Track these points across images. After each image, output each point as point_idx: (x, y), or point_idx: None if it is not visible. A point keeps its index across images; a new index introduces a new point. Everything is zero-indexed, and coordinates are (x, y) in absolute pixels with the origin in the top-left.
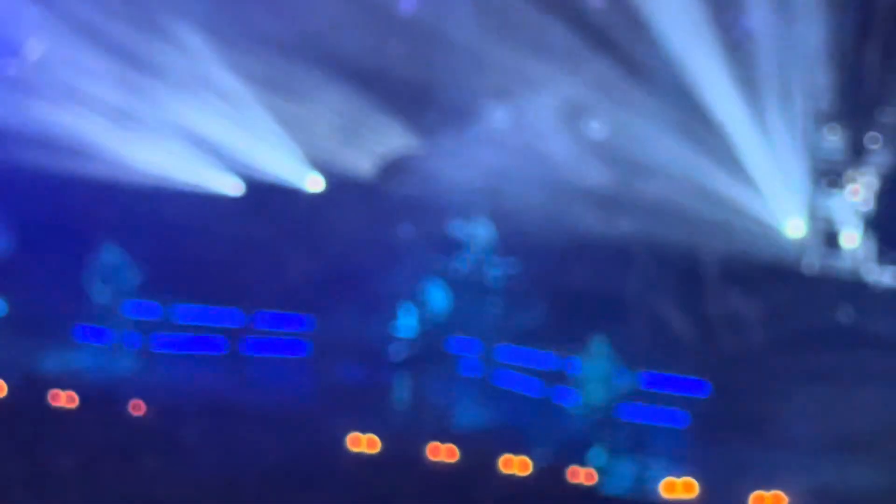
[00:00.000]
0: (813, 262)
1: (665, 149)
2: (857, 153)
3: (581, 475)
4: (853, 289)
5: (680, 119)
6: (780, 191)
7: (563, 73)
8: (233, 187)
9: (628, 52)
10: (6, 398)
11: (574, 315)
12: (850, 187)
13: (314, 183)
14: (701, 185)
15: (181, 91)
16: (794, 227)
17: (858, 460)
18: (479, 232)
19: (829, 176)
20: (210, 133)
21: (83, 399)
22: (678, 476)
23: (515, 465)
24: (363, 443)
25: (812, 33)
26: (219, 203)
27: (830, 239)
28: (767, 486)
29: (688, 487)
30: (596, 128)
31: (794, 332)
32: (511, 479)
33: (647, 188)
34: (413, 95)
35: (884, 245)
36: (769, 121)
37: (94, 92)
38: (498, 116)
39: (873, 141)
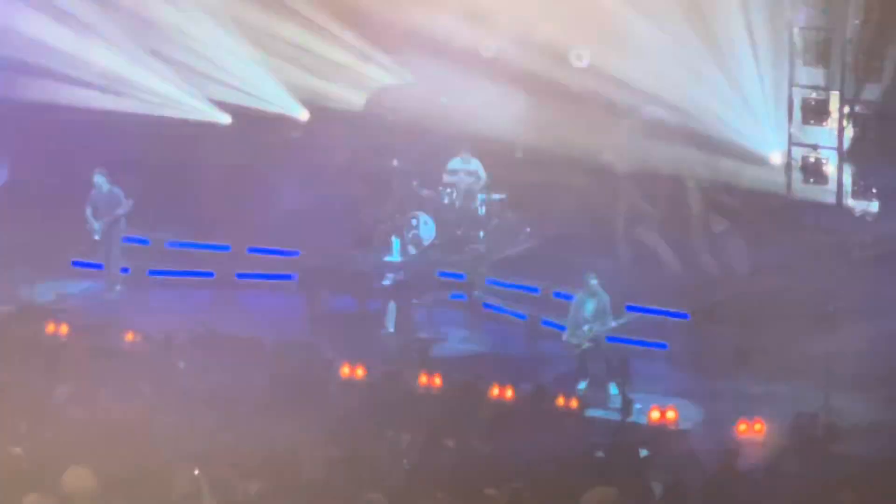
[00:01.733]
0: (796, 192)
1: (650, 80)
2: (840, 84)
3: (567, 401)
4: (834, 218)
5: (664, 50)
6: (765, 121)
7: (548, 7)
8: (220, 118)
9: None
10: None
11: (560, 247)
12: (833, 119)
13: (301, 114)
14: (685, 117)
15: (169, 22)
16: (777, 157)
17: (837, 389)
18: (468, 165)
19: (812, 107)
20: (196, 64)
21: (76, 328)
22: (662, 405)
23: (502, 391)
24: (352, 370)
25: None
26: (206, 134)
27: (813, 168)
28: (749, 415)
29: (670, 415)
30: (582, 58)
31: (776, 260)
32: (497, 405)
33: (633, 120)
34: (402, 28)
35: (865, 175)
36: (753, 52)
37: (87, 21)
38: (487, 49)
39: (857, 71)
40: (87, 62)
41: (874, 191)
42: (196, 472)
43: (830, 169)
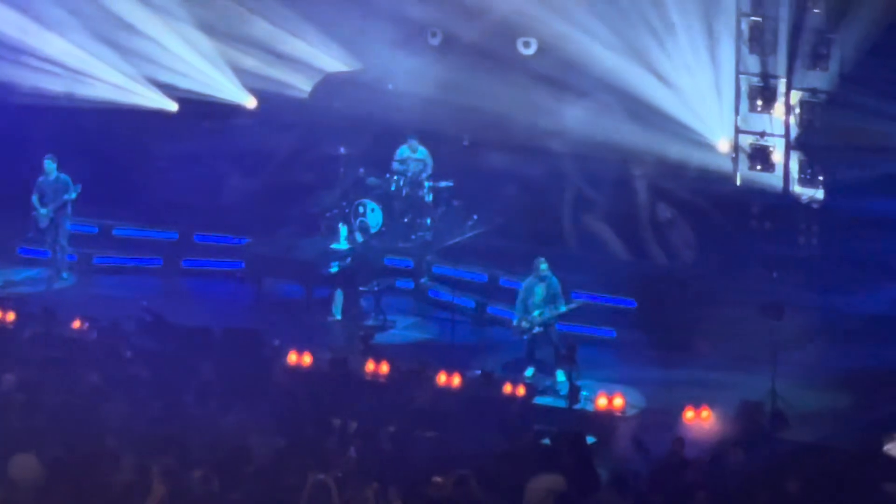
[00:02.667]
0: (743, 179)
1: (597, 68)
2: (787, 72)
3: (514, 388)
4: (780, 205)
5: (611, 36)
6: (712, 108)
7: None
8: (167, 105)
9: None
10: None
11: (507, 235)
12: (779, 106)
13: (248, 101)
14: (632, 103)
15: (118, 9)
16: (724, 144)
17: (784, 376)
18: (415, 152)
19: (759, 94)
20: (145, 51)
21: (23, 315)
22: (609, 391)
23: (449, 378)
24: (299, 357)
25: None
26: (153, 121)
27: (760, 156)
28: (696, 402)
29: (618, 402)
30: (529, 45)
31: (722, 248)
32: (444, 392)
33: (579, 108)
34: (350, 15)
35: (812, 162)
36: (702, 38)
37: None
38: (434, 38)
39: (804, 59)
40: (35, 48)
41: (820, 178)
42: (145, 460)
43: (777, 156)
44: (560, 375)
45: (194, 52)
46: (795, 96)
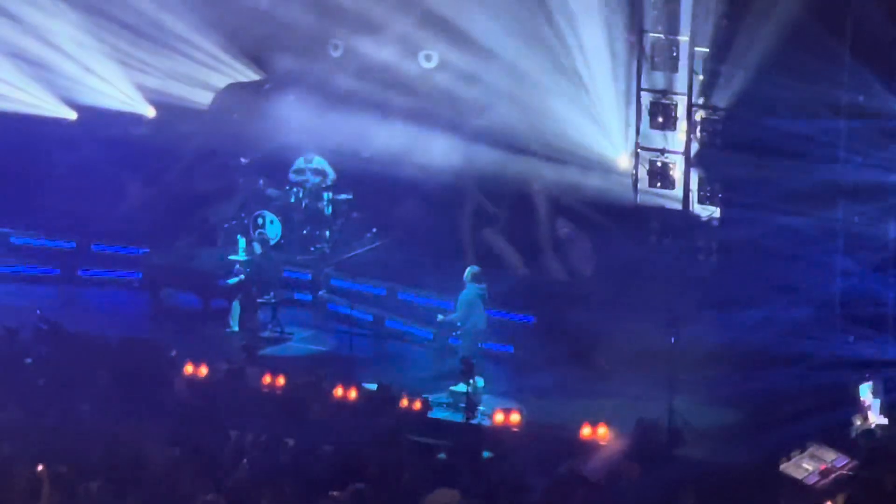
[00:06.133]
0: (642, 196)
1: (498, 83)
2: (688, 89)
3: (410, 402)
4: (680, 223)
5: (512, 52)
6: (612, 125)
7: (398, 8)
8: (66, 113)
9: None
10: None
11: (406, 248)
12: (680, 124)
13: (147, 111)
14: (533, 118)
15: (18, 15)
16: (624, 161)
17: (682, 392)
18: (314, 164)
19: (660, 111)
20: (43, 59)
21: None
22: (506, 406)
23: (346, 391)
24: (195, 368)
25: None
26: (51, 129)
27: (660, 173)
28: (593, 418)
29: (514, 417)
30: (430, 62)
31: (621, 264)
32: (341, 405)
33: (480, 122)
34: (252, 28)
35: (712, 180)
36: (603, 55)
37: None
38: (336, 51)
39: (704, 76)
40: None
41: (719, 196)
42: (40, 468)
43: (677, 174)
44: (460, 387)
45: (93, 60)
46: (696, 114)
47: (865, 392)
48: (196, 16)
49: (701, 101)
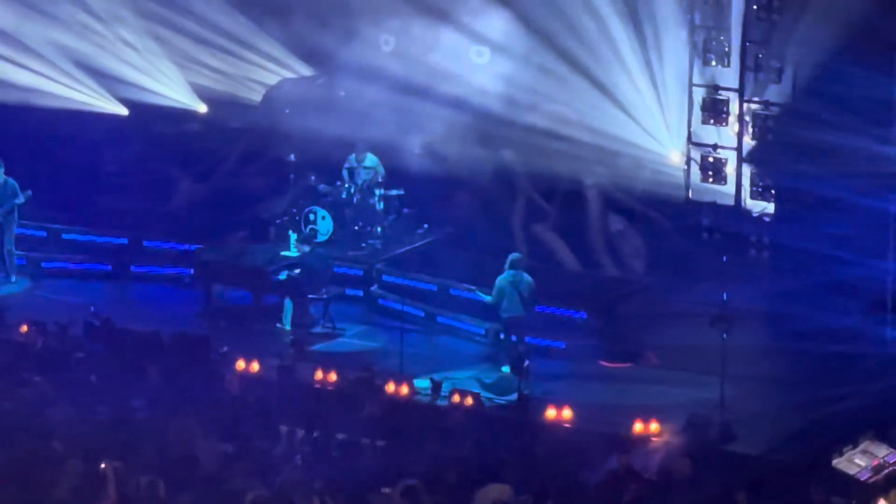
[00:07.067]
0: (695, 192)
1: (549, 80)
2: (740, 85)
3: (462, 398)
4: (732, 218)
5: (564, 48)
6: (664, 120)
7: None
8: (118, 110)
9: None
10: None
11: (458, 244)
12: (732, 119)
13: (199, 107)
14: (584, 116)
15: (68, 14)
16: (676, 156)
17: (734, 388)
18: (366, 160)
19: (712, 107)
20: (95, 56)
21: None
22: (558, 403)
23: (397, 387)
24: (247, 364)
25: None
26: (104, 125)
27: (712, 168)
28: (645, 414)
29: (566, 413)
30: (481, 57)
31: (673, 260)
32: (393, 401)
33: (532, 118)
34: (300, 24)
35: (764, 176)
36: (654, 52)
37: None
38: (387, 45)
39: (757, 72)
40: None
41: (772, 192)
42: (102, 465)
43: (729, 169)
44: (510, 382)
45: (145, 57)
46: (748, 109)
47: None
48: (247, 12)
49: (753, 95)
